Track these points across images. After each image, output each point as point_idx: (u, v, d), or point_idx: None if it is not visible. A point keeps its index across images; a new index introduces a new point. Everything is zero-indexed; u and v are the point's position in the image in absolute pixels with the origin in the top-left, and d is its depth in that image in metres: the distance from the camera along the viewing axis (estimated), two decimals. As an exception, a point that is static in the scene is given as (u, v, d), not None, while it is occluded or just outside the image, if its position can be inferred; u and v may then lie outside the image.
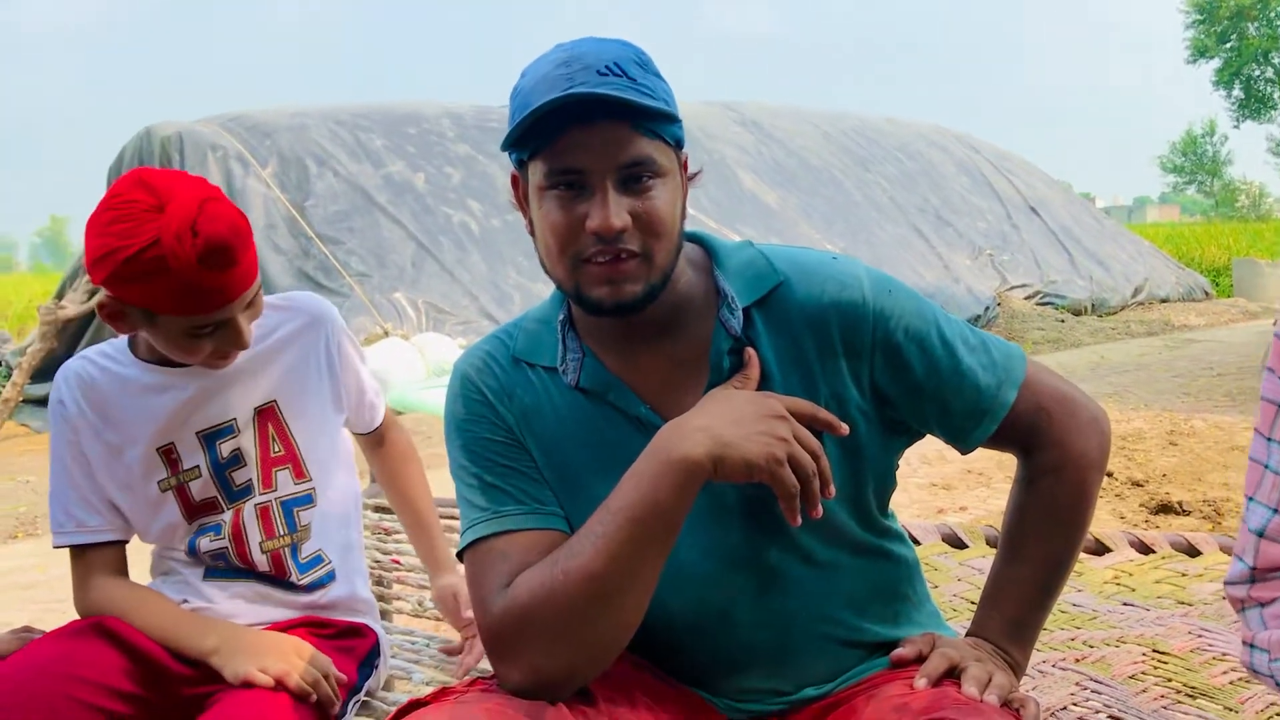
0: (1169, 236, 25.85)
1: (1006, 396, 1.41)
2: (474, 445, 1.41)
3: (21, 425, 9.56)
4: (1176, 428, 7.09)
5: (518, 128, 1.28)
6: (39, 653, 1.72)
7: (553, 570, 1.27)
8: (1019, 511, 1.47)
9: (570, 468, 1.39)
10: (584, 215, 1.28)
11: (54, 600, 4.43)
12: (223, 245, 1.60)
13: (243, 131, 11.15)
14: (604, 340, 1.40)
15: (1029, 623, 1.45)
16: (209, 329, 1.69)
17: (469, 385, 1.44)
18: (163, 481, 1.83)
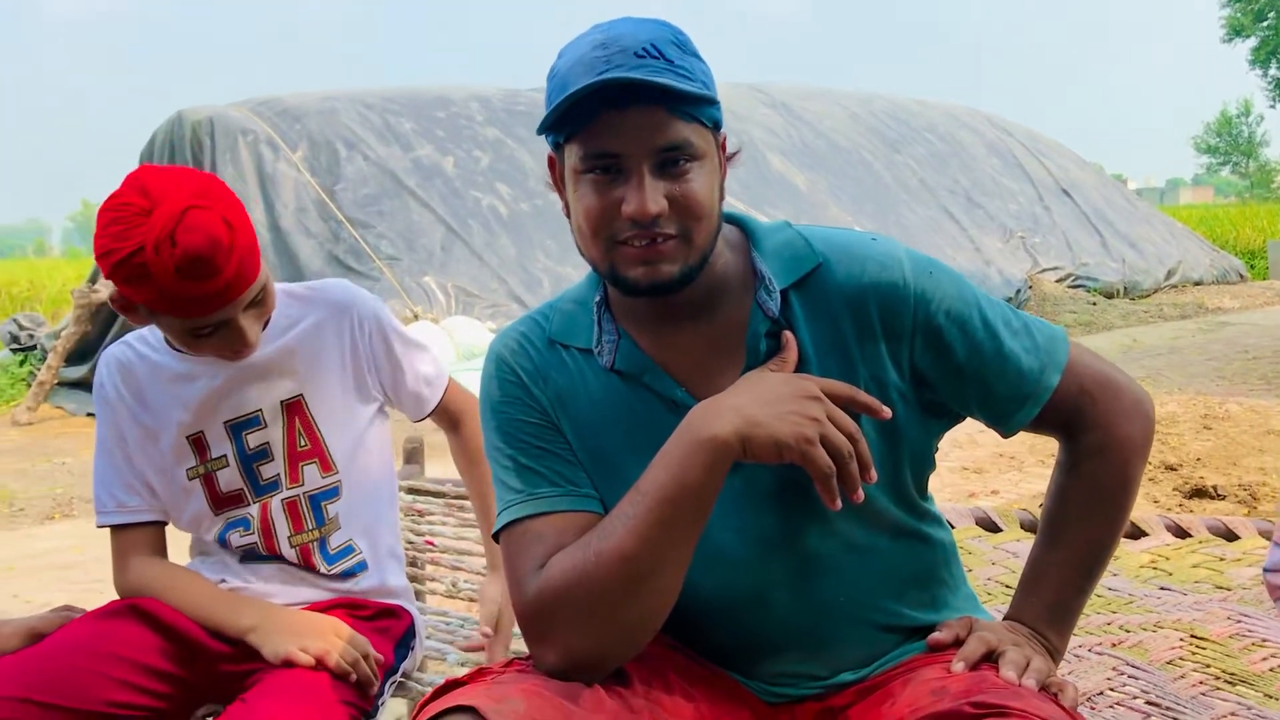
0: (1203, 218, 25.56)
1: (1049, 380, 1.40)
2: (509, 427, 1.41)
3: (57, 408, 9.67)
4: (1211, 411, 7.03)
5: (554, 111, 1.27)
6: (77, 632, 1.75)
7: (585, 552, 1.27)
8: (1060, 495, 1.46)
9: (605, 450, 1.39)
10: (619, 199, 1.27)
11: (91, 581, 4.48)
12: (199, 257, 1.57)
13: (273, 116, 11.19)
14: (640, 322, 1.40)
15: (1068, 607, 1.44)
16: (208, 329, 1.69)
17: (504, 367, 1.43)
18: (191, 469, 1.85)
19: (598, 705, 1.26)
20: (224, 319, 1.68)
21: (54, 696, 1.63)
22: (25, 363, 11.13)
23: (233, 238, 1.61)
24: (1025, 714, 1.18)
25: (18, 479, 6.91)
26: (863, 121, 16.87)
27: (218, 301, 1.64)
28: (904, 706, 1.29)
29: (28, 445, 8.23)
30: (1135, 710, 1.78)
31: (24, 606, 4.18)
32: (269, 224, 10.20)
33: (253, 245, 1.67)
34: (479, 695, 1.20)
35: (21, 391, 10.24)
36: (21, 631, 1.79)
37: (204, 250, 1.57)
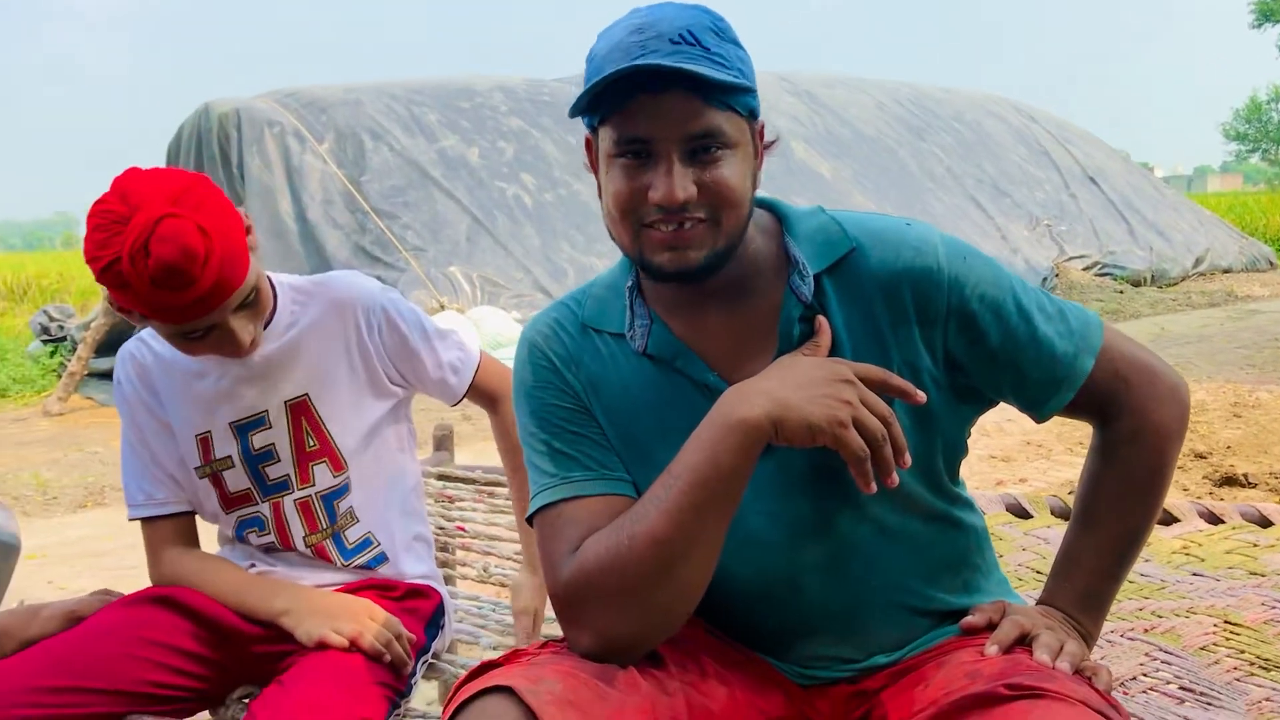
0: (1231, 206, 25.29)
1: (1084, 365, 1.39)
2: (542, 412, 1.41)
3: (87, 398, 9.75)
4: (1241, 399, 6.97)
5: (587, 94, 1.28)
6: (112, 617, 1.77)
7: (618, 535, 1.28)
8: (1094, 481, 1.45)
9: (637, 434, 1.39)
10: (648, 184, 1.28)
11: (124, 567, 4.52)
12: (172, 268, 1.54)
13: (299, 107, 11.23)
14: (672, 307, 1.40)
15: (1102, 593, 1.44)
16: (198, 333, 1.68)
17: (537, 353, 1.44)
18: (199, 469, 1.86)
19: (632, 687, 1.27)
20: (212, 323, 1.66)
21: (91, 680, 1.65)
22: (56, 354, 11.23)
23: (209, 245, 1.57)
24: (1060, 695, 1.18)
25: (50, 468, 6.98)
26: (888, 110, 16.79)
27: (199, 309, 1.61)
28: (937, 689, 1.29)
29: (59, 435, 8.32)
30: (1169, 696, 1.77)
31: (59, 593, 4.23)
32: (296, 215, 10.25)
33: (237, 249, 1.63)
34: (515, 676, 1.21)
35: (52, 382, 10.34)
36: (61, 614, 1.81)
37: (177, 261, 1.54)
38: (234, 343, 1.69)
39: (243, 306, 1.68)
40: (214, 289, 1.60)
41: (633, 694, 1.26)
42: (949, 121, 17.22)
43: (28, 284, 20.00)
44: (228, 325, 1.67)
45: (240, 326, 1.69)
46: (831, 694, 1.43)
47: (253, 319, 1.72)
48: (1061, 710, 1.16)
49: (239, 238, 1.64)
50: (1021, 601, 1.51)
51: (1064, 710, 1.16)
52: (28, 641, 1.75)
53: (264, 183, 10.40)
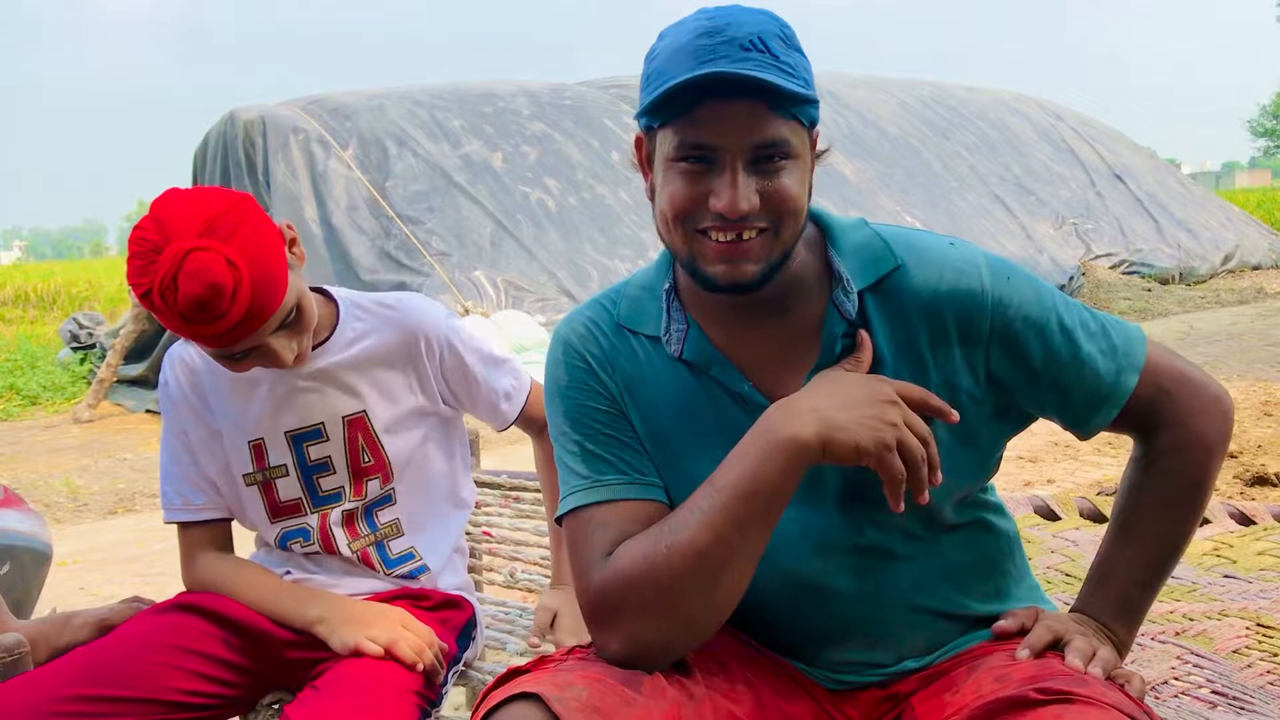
0: (1260, 202, 25.04)
1: (1128, 382, 1.38)
2: (576, 412, 1.41)
3: (116, 405, 9.82)
4: (1271, 398, 6.90)
5: (655, 98, 1.26)
6: (142, 625, 1.78)
7: (656, 543, 1.27)
8: (1134, 491, 1.44)
9: (669, 438, 1.39)
10: (709, 191, 1.26)
11: (154, 574, 4.56)
12: (200, 303, 1.56)
13: (323, 114, 11.28)
14: (710, 313, 1.39)
15: (1137, 603, 1.43)
16: (238, 355, 1.69)
17: (572, 352, 1.43)
18: (248, 476, 1.87)
19: (659, 693, 1.26)
20: (251, 346, 1.67)
21: (122, 689, 1.66)
22: (85, 361, 11.33)
23: (237, 277, 1.57)
24: (1091, 700, 1.17)
25: (81, 475, 7.04)
26: (911, 109, 16.71)
27: (233, 336, 1.62)
28: (968, 693, 1.28)
29: (89, 442, 8.38)
30: (1201, 700, 1.76)
31: (90, 599, 4.26)
32: (321, 221, 10.29)
33: (271, 275, 1.62)
34: (542, 683, 1.21)
35: (82, 389, 10.42)
36: (92, 623, 1.83)
37: (204, 296, 1.55)
38: (276, 360, 1.70)
39: (283, 326, 1.69)
40: (246, 318, 1.60)
41: (659, 700, 1.26)
42: (972, 120, 17.12)
43: (57, 292, 20.19)
44: (268, 346, 1.68)
45: (281, 346, 1.69)
46: (861, 699, 1.42)
47: (294, 336, 1.71)
48: (1093, 715, 1.15)
49: (275, 261, 1.63)
50: (1053, 608, 1.50)
51: (1095, 715, 1.15)
52: (59, 650, 1.77)
53: (289, 189, 10.45)
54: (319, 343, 1.84)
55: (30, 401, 10.44)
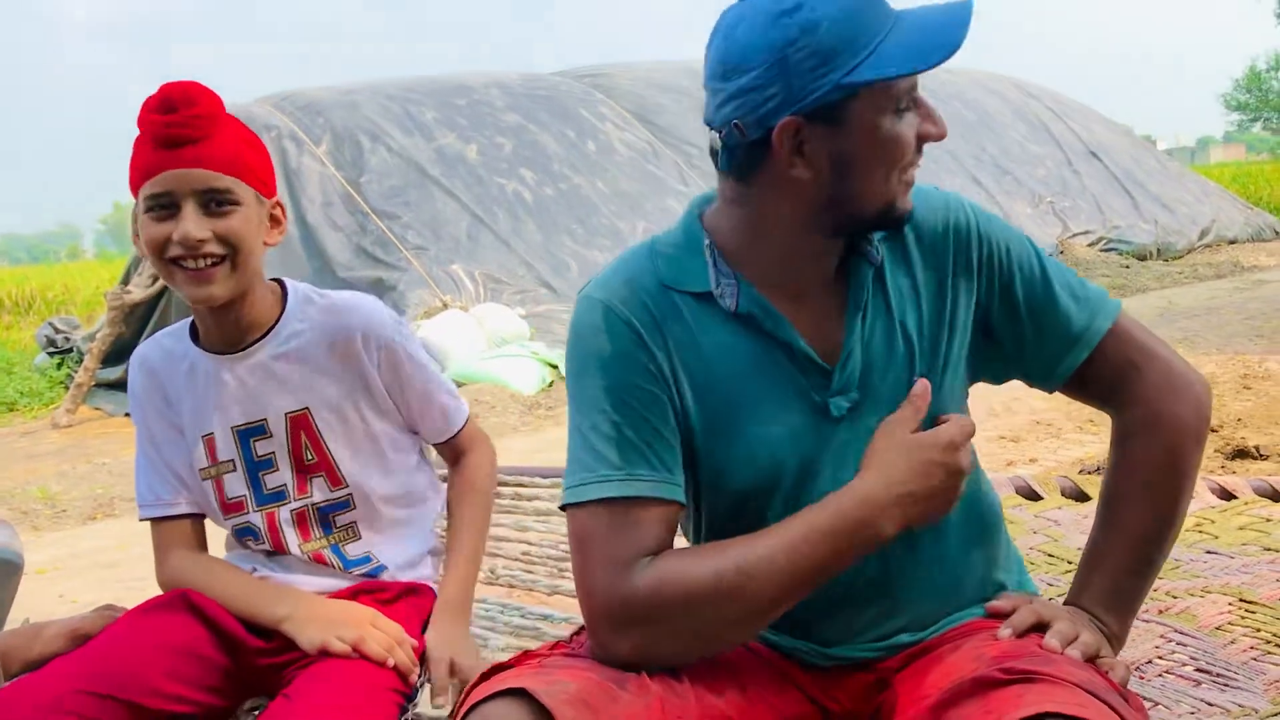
0: (1235, 176, 25.17)
1: (1100, 325, 1.41)
2: (620, 390, 1.34)
3: (95, 409, 9.76)
4: (1250, 371, 6.93)
5: (930, 49, 1.27)
6: (124, 627, 1.76)
7: (712, 576, 1.27)
8: (1111, 473, 1.45)
9: (726, 404, 1.36)
10: (920, 132, 1.33)
11: (134, 579, 4.52)
12: (170, 93, 1.65)
13: (295, 110, 11.22)
14: (767, 271, 1.37)
15: (1126, 592, 1.42)
16: (161, 203, 1.68)
17: (615, 319, 1.36)
18: (203, 470, 1.85)
19: (644, 688, 1.26)
20: (171, 191, 1.67)
21: (109, 689, 1.64)
22: (63, 365, 11.24)
23: (215, 109, 1.68)
24: (1055, 679, 1.16)
25: (59, 481, 6.98)
26: (886, 92, 16.70)
27: (179, 148, 1.66)
28: (943, 673, 1.29)
29: (68, 447, 8.32)
30: (1185, 678, 1.76)
31: (70, 606, 4.22)
32: (295, 218, 10.22)
33: (241, 141, 1.72)
34: (528, 678, 1.20)
35: (60, 394, 10.34)
36: (65, 633, 1.80)
37: (177, 89, 1.66)
38: (184, 230, 1.67)
39: (212, 203, 1.69)
40: (201, 134, 1.66)
41: (644, 695, 1.25)
42: (948, 101, 17.13)
43: (32, 297, 20.02)
44: (185, 211, 1.67)
45: (194, 220, 1.67)
46: (848, 684, 1.42)
47: (216, 226, 1.69)
48: (1054, 692, 1.14)
49: (254, 147, 1.76)
50: (1032, 582, 1.52)
51: (1057, 692, 1.14)
52: (32, 662, 1.74)
53: (263, 187, 10.38)
54: (262, 335, 1.81)
55: (8, 408, 10.36)
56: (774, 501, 1.37)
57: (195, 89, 1.68)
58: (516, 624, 2.22)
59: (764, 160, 1.30)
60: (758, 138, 1.29)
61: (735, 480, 1.37)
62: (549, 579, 2.28)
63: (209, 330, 1.83)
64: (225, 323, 1.80)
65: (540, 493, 2.35)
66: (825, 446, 1.36)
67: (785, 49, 1.25)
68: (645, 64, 14.62)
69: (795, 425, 1.36)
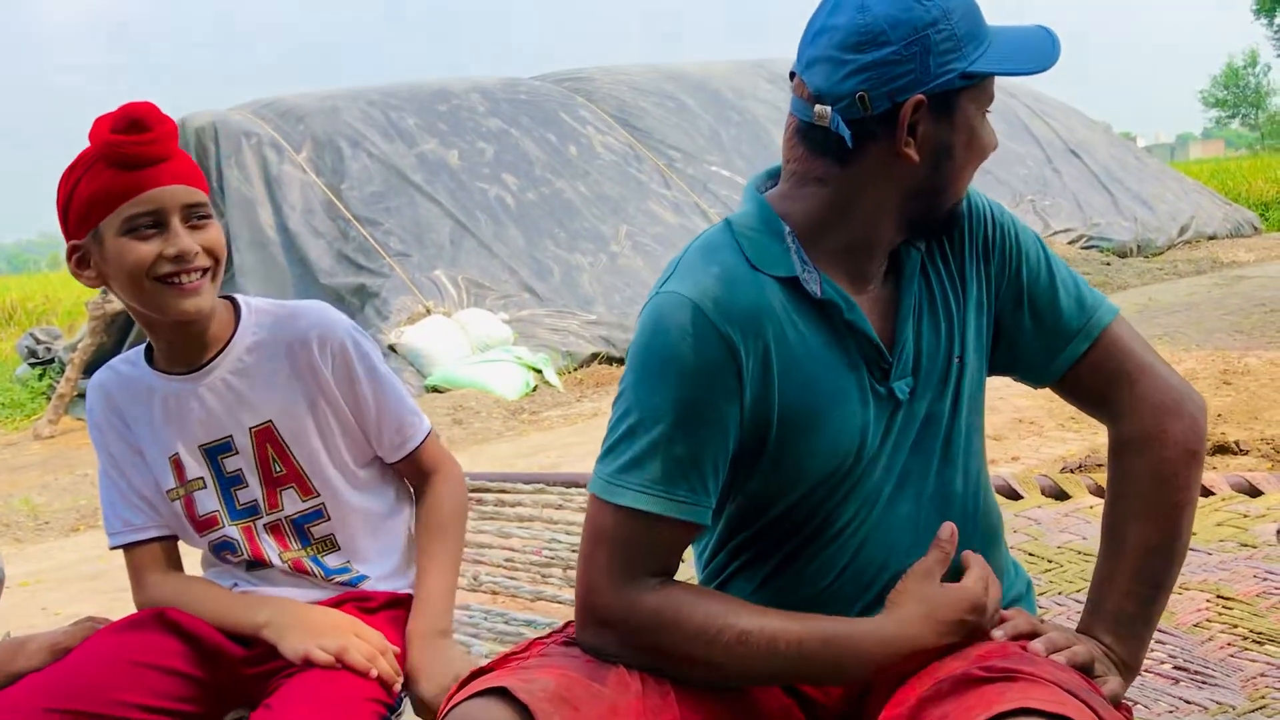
0: (1214, 172, 25.29)
1: (1100, 320, 1.43)
2: (690, 404, 1.30)
3: (78, 420, 9.70)
4: (1230, 366, 6.98)
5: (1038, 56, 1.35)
6: (100, 644, 1.75)
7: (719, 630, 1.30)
8: (1110, 497, 1.44)
9: (808, 394, 1.34)
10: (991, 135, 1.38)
11: (118, 590, 4.48)
12: (134, 115, 1.63)
13: (275, 117, 11.19)
14: (837, 261, 1.38)
15: (1132, 618, 1.39)
16: (145, 222, 1.66)
17: (708, 326, 1.30)
18: (171, 491, 1.84)
19: (624, 684, 1.27)
20: (157, 208, 1.65)
21: (82, 705, 1.63)
22: (44, 376, 11.18)
23: (173, 126, 1.69)
24: (1035, 677, 1.17)
25: (41, 492, 6.95)
26: (866, 92, 16.74)
27: (152, 166, 1.64)
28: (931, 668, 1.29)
29: (50, 458, 8.28)
30: (1163, 676, 1.77)
31: (52, 619, 4.20)
32: (277, 226, 10.20)
33: (198, 168, 1.73)
34: (508, 677, 1.22)
35: (42, 405, 10.29)
36: (45, 647, 1.79)
37: (142, 109, 1.65)
38: (179, 246, 1.66)
39: (195, 217, 1.69)
40: (170, 152, 1.67)
41: (624, 691, 1.26)
42: (928, 101, 17.19)
43: (13, 307, 19.87)
44: (173, 225, 1.66)
45: (185, 234, 1.67)
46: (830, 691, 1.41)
47: (205, 244, 1.69)
48: (1033, 690, 1.15)
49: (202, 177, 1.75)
50: (1026, 575, 1.54)
51: (1036, 690, 1.15)
52: (12, 676, 1.73)
53: (244, 195, 10.35)
54: (217, 352, 1.80)
55: (-11, 419, 10.32)
56: (838, 491, 1.37)
57: (156, 110, 1.67)
58: (500, 630, 2.22)
59: (875, 138, 1.31)
60: (881, 112, 1.30)
61: (814, 469, 1.36)
62: (532, 585, 2.29)
63: (169, 351, 1.80)
64: (190, 340, 1.78)
65: (523, 499, 2.36)
66: (886, 433, 1.38)
67: (928, 29, 1.28)
68: (626, 67, 14.63)
69: (870, 415, 1.37)
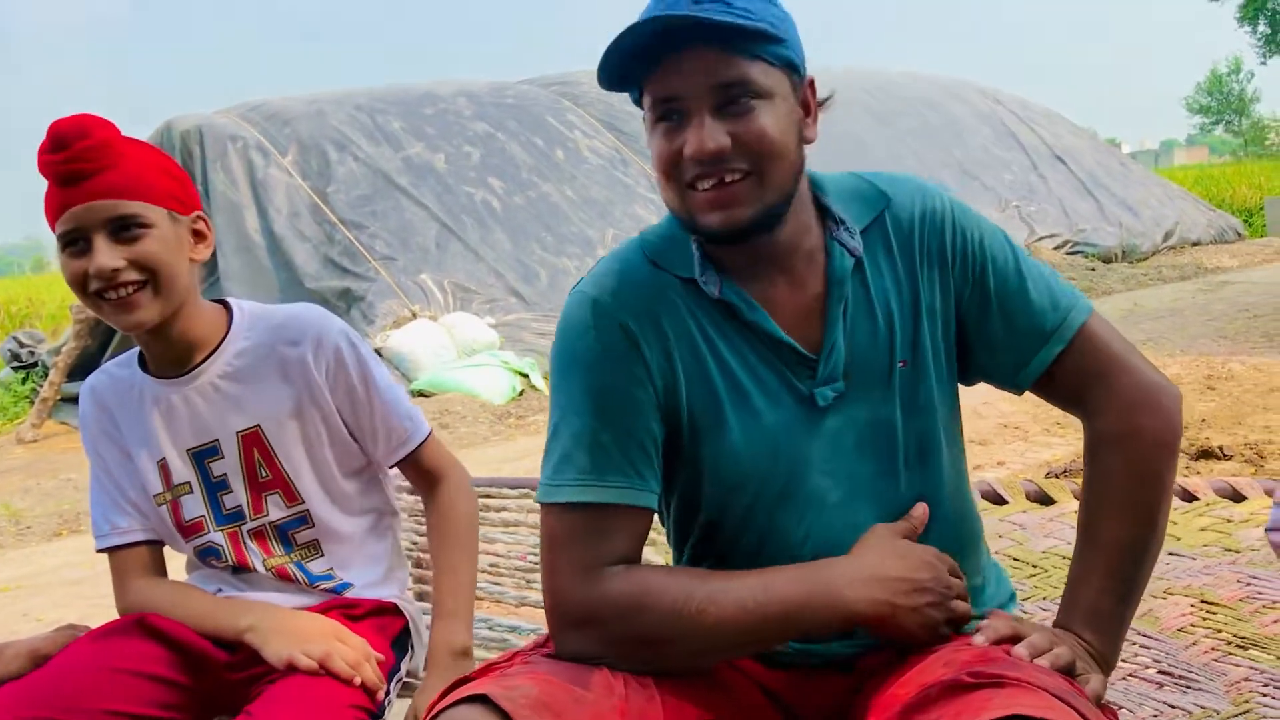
0: (1198, 178, 25.44)
1: (1074, 320, 1.41)
2: (601, 392, 1.34)
3: (61, 424, 9.66)
4: (1214, 371, 7.01)
5: (606, 59, 1.28)
6: (81, 651, 1.74)
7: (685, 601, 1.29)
8: (1087, 491, 1.43)
9: (714, 396, 1.36)
10: (683, 144, 1.28)
11: (100, 595, 4.46)
12: (57, 132, 1.62)
13: (262, 121, 11.16)
14: (736, 266, 1.38)
15: (1110, 613, 1.39)
16: (73, 238, 1.66)
17: (606, 318, 1.35)
18: (158, 496, 1.83)
19: (608, 689, 1.26)
20: (79, 226, 1.65)
21: (62, 713, 1.62)
22: (28, 380, 11.12)
23: (109, 137, 1.64)
24: (1022, 683, 1.16)
25: (24, 497, 6.91)
26: (852, 97, 16.79)
27: (76, 184, 1.63)
28: (916, 674, 1.28)
29: (34, 462, 8.24)
30: (1148, 681, 1.77)
31: (34, 625, 4.18)
32: (263, 230, 10.18)
33: (144, 164, 1.68)
34: (489, 684, 1.21)
35: (25, 409, 10.24)
36: (24, 654, 1.78)
37: (63, 127, 1.62)
38: (97, 262, 1.64)
39: (121, 230, 1.66)
40: (97, 167, 1.63)
41: (609, 695, 1.26)
42: (914, 106, 17.25)
43: (-3, 310, 19.78)
44: (96, 243, 1.65)
45: (106, 251, 1.65)
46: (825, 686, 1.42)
47: (129, 253, 1.66)
48: (1021, 696, 1.14)
49: (156, 164, 1.71)
50: (1010, 585, 1.53)
51: (1024, 696, 1.14)
52: (-8, 682, 1.72)
53: (229, 199, 10.32)
54: (207, 355, 1.80)
55: (-29, 424, 10.25)
56: (762, 493, 1.38)
57: (87, 120, 1.64)
58: (484, 636, 2.21)
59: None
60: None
61: (727, 472, 1.37)
62: (516, 590, 2.27)
63: (153, 355, 1.81)
64: (165, 345, 1.78)
65: (508, 504, 2.34)
66: (815, 437, 1.37)
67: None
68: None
69: (783, 417, 1.36)
